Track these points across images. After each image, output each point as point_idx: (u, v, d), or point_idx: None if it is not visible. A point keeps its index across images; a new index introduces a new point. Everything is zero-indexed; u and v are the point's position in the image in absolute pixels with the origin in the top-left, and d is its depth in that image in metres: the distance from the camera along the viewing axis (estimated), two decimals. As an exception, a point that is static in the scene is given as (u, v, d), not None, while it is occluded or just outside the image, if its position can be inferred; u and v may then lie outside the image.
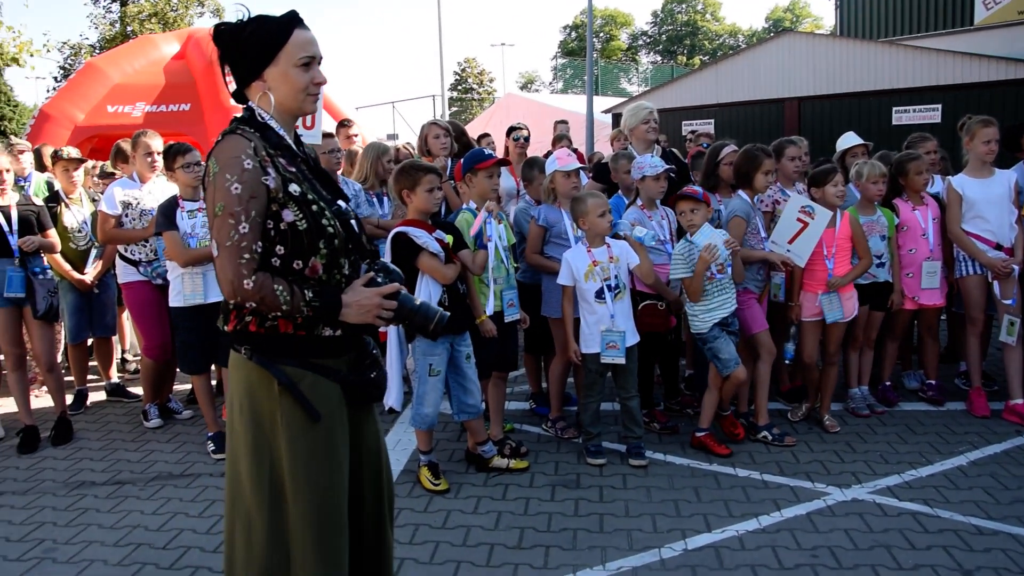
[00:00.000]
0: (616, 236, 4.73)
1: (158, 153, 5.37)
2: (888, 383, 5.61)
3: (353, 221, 2.44)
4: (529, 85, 65.97)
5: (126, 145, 6.08)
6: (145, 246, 5.33)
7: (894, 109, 16.16)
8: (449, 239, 4.34)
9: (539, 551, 3.67)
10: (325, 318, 2.27)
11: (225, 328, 2.36)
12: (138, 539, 3.90)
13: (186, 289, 4.87)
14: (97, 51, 24.66)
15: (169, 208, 4.89)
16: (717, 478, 4.44)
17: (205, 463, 4.83)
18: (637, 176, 4.99)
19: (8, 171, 5.13)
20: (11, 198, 5.14)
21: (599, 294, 4.55)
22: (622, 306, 4.59)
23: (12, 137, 11.24)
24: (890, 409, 5.43)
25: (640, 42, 69.14)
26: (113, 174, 6.53)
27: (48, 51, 18.79)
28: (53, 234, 5.32)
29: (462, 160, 4.81)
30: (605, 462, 4.66)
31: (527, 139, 7.27)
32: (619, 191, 5.45)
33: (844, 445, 4.84)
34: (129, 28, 24.58)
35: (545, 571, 3.50)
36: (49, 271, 5.22)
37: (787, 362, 5.34)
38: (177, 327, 5.03)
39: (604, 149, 13.56)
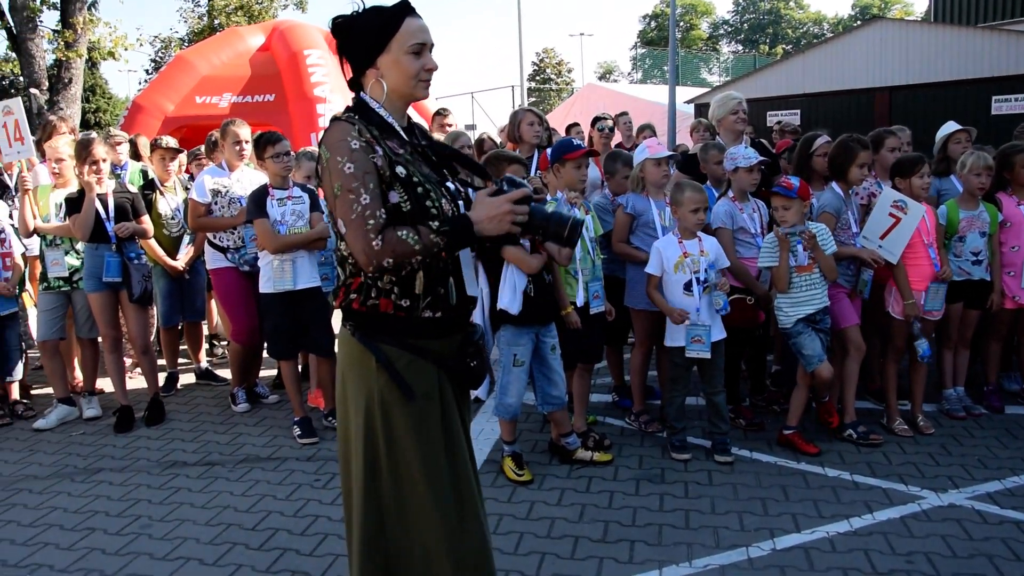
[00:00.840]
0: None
1: (246, 142, 5.48)
2: (992, 386, 5.34)
3: (462, 203, 2.44)
4: (607, 75, 65.39)
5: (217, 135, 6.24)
6: (233, 233, 5.44)
7: (993, 99, 15.46)
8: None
9: (624, 545, 3.63)
10: (462, 240, 2.26)
11: (334, 304, 2.46)
12: (228, 520, 4.00)
13: (276, 276, 4.95)
14: (186, 44, 25.37)
15: (259, 196, 4.98)
16: (805, 477, 4.31)
17: (291, 447, 4.91)
18: (730, 167, 4.88)
19: (105, 160, 5.30)
20: (108, 186, 5.31)
21: (687, 286, 4.46)
22: (709, 300, 4.49)
23: (110, 128, 11.61)
24: (989, 413, 5.20)
25: (721, 31, 67.97)
26: (197, 155, 6.72)
27: (141, 45, 19.27)
28: (147, 220, 5.49)
29: (548, 150, 4.77)
30: (690, 457, 4.58)
31: (612, 129, 7.20)
32: (708, 182, 5.34)
33: (939, 448, 4.65)
34: (216, 21, 25.21)
35: (631, 566, 3.46)
36: (144, 257, 5.38)
37: (924, 360, 4.99)
38: (266, 313, 5.12)
39: (684, 140, 13.36)
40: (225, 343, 7.16)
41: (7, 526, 4.02)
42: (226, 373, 6.21)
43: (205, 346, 6.68)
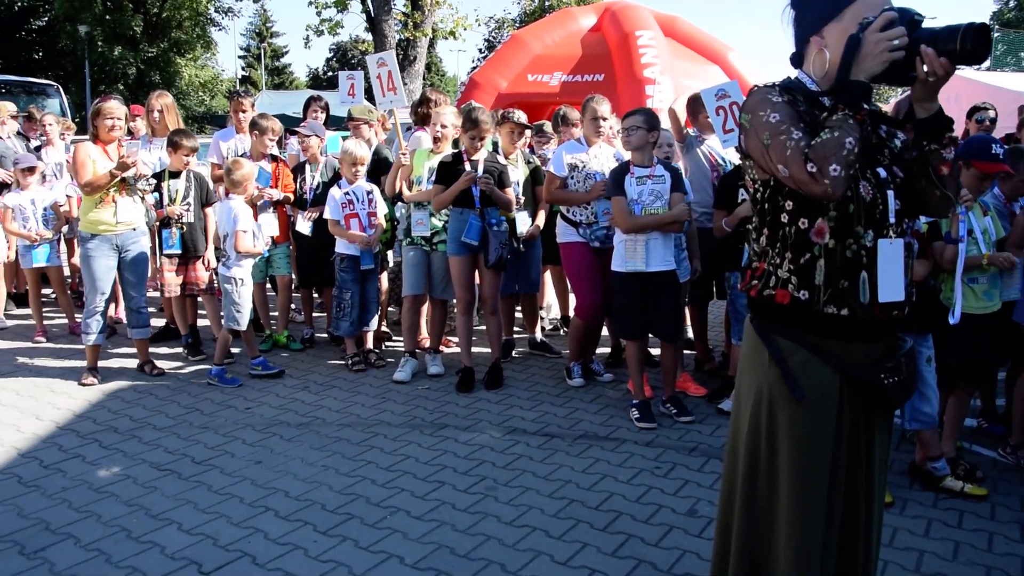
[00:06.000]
0: None
1: (603, 119, 5.45)
2: None
3: (891, 192, 2.15)
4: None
5: (568, 111, 6.29)
6: (587, 208, 5.43)
7: None
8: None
9: (1022, 601, 3.13)
10: (855, 92, 2.02)
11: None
12: (570, 495, 3.97)
13: (627, 255, 4.88)
14: (518, 25, 26.46)
15: (620, 173, 4.93)
16: None
17: (629, 429, 4.82)
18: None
19: (488, 129, 5.51)
20: (481, 154, 5.52)
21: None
22: None
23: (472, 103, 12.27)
24: None
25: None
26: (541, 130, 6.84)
27: (479, 25, 20.36)
28: (510, 192, 5.62)
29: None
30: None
31: (993, 121, 6.37)
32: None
33: None
34: (548, 2, 26.06)
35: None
36: (503, 223, 5.53)
37: None
38: (615, 291, 5.08)
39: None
40: (553, 317, 7.28)
41: (367, 466, 4.29)
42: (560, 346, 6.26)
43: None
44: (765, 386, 2.18)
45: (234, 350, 6.27)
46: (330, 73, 50.67)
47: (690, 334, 6.12)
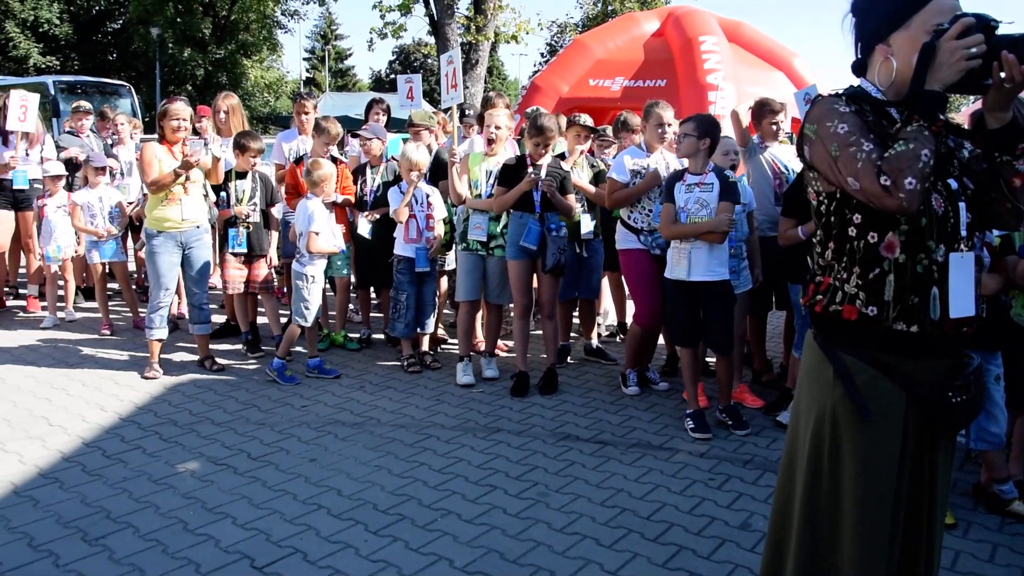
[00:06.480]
0: None
1: (667, 125, 5.39)
2: None
3: (963, 204, 2.08)
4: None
5: (629, 116, 6.24)
6: (647, 215, 5.38)
7: None
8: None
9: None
10: (929, 101, 1.95)
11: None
12: (622, 503, 3.93)
13: (672, 263, 4.85)
14: (580, 29, 26.42)
15: (672, 179, 4.89)
16: None
17: (683, 439, 4.76)
18: None
19: (552, 135, 5.50)
20: (545, 159, 5.49)
21: None
22: None
23: (538, 108, 12.28)
24: None
25: None
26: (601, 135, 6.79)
27: (541, 29, 20.40)
28: (571, 199, 5.59)
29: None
30: None
31: None
32: None
33: None
34: (610, 7, 25.99)
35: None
36: (563, 229, 5.50)
37: None
38: (666, 297, 5.04)
39: None
40: (610, 324, 7.24)
41: (420, 468, 4.30)
42: (616, 353, 6.22)
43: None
44: (828, 403, 2.12)
45: (294, 349, 6.37)
46: (392, 76, 51.18)
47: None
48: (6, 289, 8.26)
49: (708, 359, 5.72)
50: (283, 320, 6.61)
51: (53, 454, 4.44)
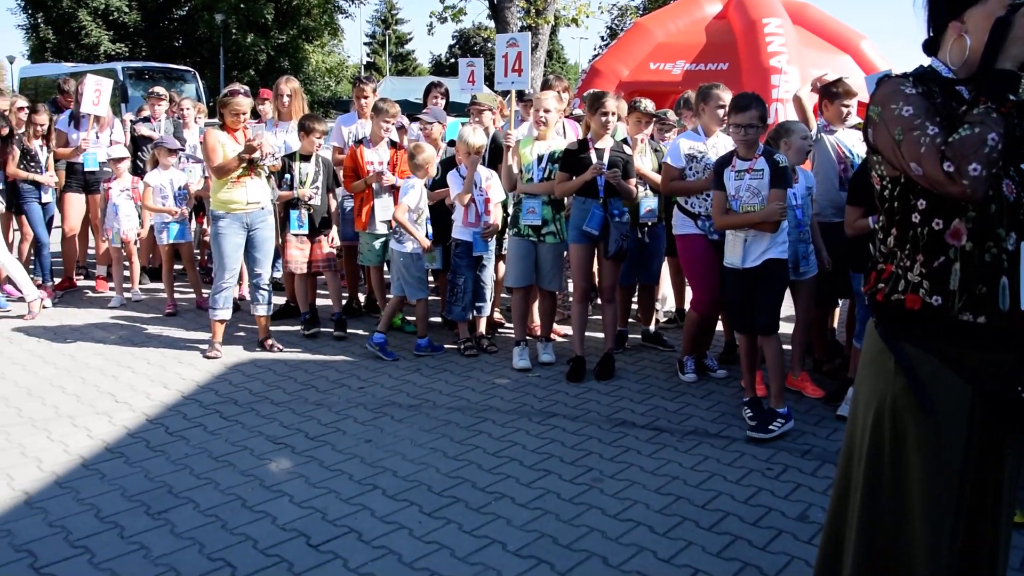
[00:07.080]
0: None
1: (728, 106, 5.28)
2: None
3: None
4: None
5: (693, 95, 6.13)
6: (705, 200, 5.29)
7: None
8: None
9: None
10: (1001, 82, 1.88)
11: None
12: (677, 491, 3.89)
13: (727, 249, 4.75)
14: (640, 12, 26.11)
15: (720, 165, 4.74)
16: None
17: (740, 428, 4.68)
18: None
19: (615, 114, 5.50)
20: (606, 143, 5.45)
21: None
22: None
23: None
24: None
25: None
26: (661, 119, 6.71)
27: (601, 12, 20.19)
28: (633, 182, 5.52)
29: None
30: None
31: None
32: None
33: None
34: (672, -10, 25.61)
35: None
36: (626, 215, 5.45)
37: None
38: (724, 284, 4.94)
39: None
40: (668, 310, 7.16)
41: (475, 451, 4.32)
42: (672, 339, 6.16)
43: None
44: (889, 394, 2.07)
45: (351, 331, 6.46)
46: (452, 60, 51.35)
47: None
48: (77, 269, 8.50)
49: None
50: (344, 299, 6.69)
51: (119, 430, 4.57)
